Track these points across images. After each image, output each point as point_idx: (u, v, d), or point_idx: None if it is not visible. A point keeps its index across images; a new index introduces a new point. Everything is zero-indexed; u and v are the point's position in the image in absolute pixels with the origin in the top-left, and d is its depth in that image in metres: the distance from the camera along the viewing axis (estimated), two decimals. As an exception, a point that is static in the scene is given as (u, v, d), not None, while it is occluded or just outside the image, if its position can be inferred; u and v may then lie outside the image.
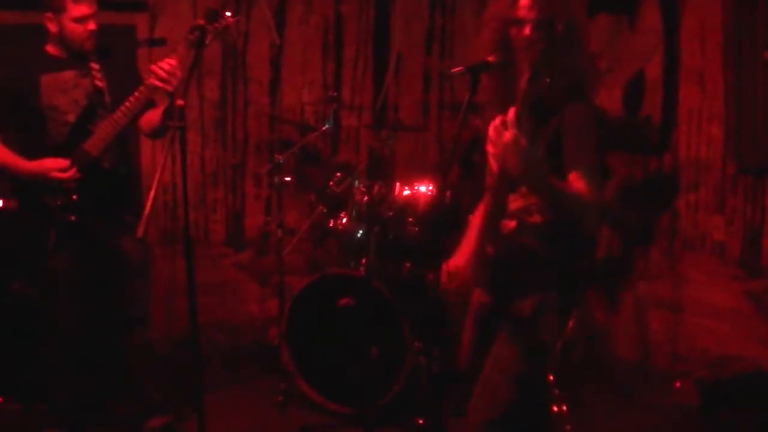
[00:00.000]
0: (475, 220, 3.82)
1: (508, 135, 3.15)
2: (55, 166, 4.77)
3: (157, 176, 3.81)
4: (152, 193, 3.70)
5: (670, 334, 5.98)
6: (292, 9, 6.94)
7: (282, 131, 6.90)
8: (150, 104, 4.85)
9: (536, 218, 3.49)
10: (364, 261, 5.58)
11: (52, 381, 5.10)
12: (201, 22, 4.23)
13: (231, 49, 6.78)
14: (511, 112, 3.17)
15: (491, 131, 3.24)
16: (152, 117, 4.85)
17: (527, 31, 3.43)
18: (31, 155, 4.83)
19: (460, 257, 3.78)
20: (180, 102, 3.91)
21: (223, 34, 4.33)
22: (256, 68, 6.89)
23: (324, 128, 5.96)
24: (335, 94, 6.31)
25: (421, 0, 7.33)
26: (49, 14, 4.81)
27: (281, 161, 5.82)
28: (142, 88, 4.67)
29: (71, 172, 4.77)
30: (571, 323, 3.60)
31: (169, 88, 4.50)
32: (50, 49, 4.94)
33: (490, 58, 3.48)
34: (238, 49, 6.82)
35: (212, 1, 6.50)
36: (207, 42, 4.22)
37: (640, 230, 6.10)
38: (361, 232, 5.65)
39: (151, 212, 3.73)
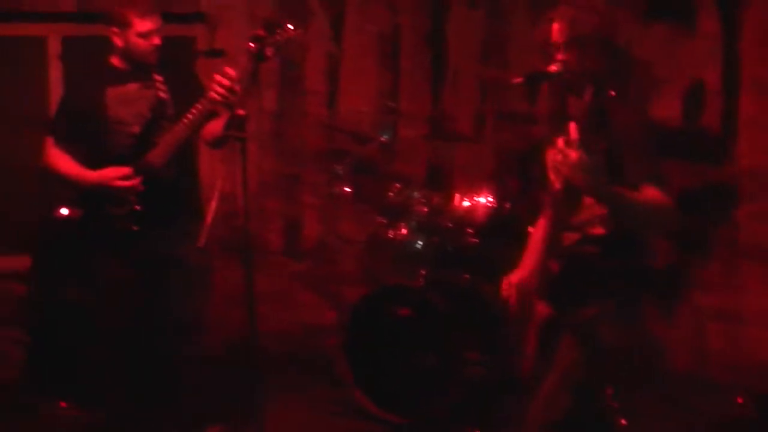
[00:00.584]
0: (537, 233, 3.84)
1: (574, 155, 3.17)
2: (117, 174, 4.82)
3: (218, 186, 3.86)
4: (214, 204, 3.75)
5: (729, 346, 5.92)
6: (349, 19, 6.96)
7: (339, 141, 6.91)
8: (212, 115, 4.89)
9: (599, 230, 3.50)
10: (422, 272, 5.58)
11: (110, 387, 5.16)
12: (261, 32, 4.26)
13: (289, 60, 6.81)
14: (573, 131, 3.19)
15: (555, 153, 3.26)
16: (214, 127, 4.87)
17: (559, 54, 3.48)
18: (97, 166, 4.89)
19: (522, 271, 3.79)
20: (242, 112, 3.96)
21: (286, 47, 4.33)
22: (314, 79, 6.92)
23: (382, 139, 5.98)
24: (392, 104, 6.32)
25: (477, 9, 7.32)
26: (115, 29, 4.87)
27: (339, 172, 5.83)
28: (203, 99, 4.70)
29: (133, 181, 4.83)
30: (630, 333, 3.61)
31: (230, 99, 4.53)
32: (115, 61, 5.00)
33: (551, 69, 3.51)
34: (296, 60, 6.84)
35: (270, 13, 6.57)
36: (269, 55, 4.25)
37: (699, 241, 6.05)
38: (419, 242, 5.66)
39: (212, 222, 3.77)
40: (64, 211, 4.95)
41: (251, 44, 4.26)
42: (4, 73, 6.32)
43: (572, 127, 3.22)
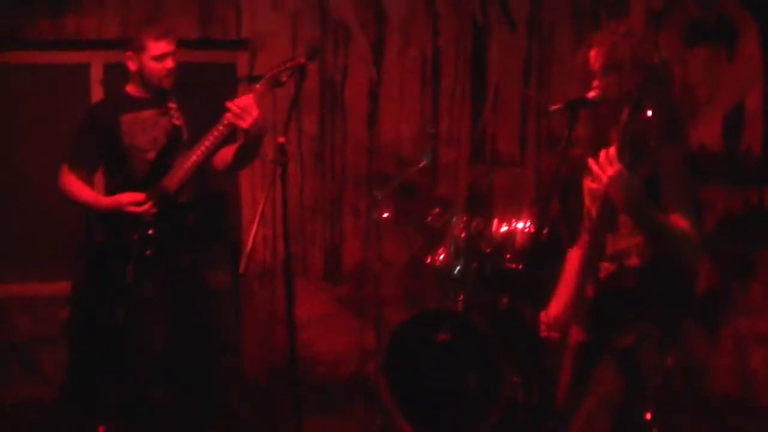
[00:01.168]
0: (572, 263, 3.84)
1: (611, 169, 3.19)
2: (130, 200, 4.89)
3: (258, 212, 3.91)
4: (254, 229, 3.79)
5: (771, 370, 5.90)
6: (390, 42, 6.99)
7: (380, 165, 6.94)
8: (230, 141, 4.94)
9: (635, 260, 3.52)
10: (462, 296, 5.59)
11: (143, 408, 5.21)
12: (302, 60, 4.31)
13: (329, 83, 6.85)
14: (612, 148, 3.20)
15: (594, 167, 3.27)
16: (225, 154, 4.95)
17: (598, 79, 3.51)
18: (115, 191, 4.99)
19: (558, 304, 3.80)
20: (281, 139, 4.02)
21: (298, 74, 4.37)
22: (355, 102, 6.94)
23: (422, 164, 6.01)
24: (433, 130, 6.34)
25: (518, 31, 7.33)
26: (129, 53, 4.97)
27: (380, 195, 5.86)
28: (220, 126, 4.77)
29: (146, 206, 4.89)
30: (671, 359, 3.60)
31: (244, 125, 4.59)
32: (130, 89, 5.10)
33: (590, 95, 3.53)
34: (337, 83, 6.88)
35: (312, 37, 6.62)
36: (282, 81, 4.33)
37: (741, 264, 6.02)
38: (459, 267, 5.67)
39: (252, 247, 3.81)
40: (98, 237, 5.01)
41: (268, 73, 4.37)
42: (48, 101, 6.41)
43: (611, 148, 3.24)
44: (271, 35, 6.62)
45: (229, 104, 4.59)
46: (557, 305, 3.80)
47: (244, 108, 4.54)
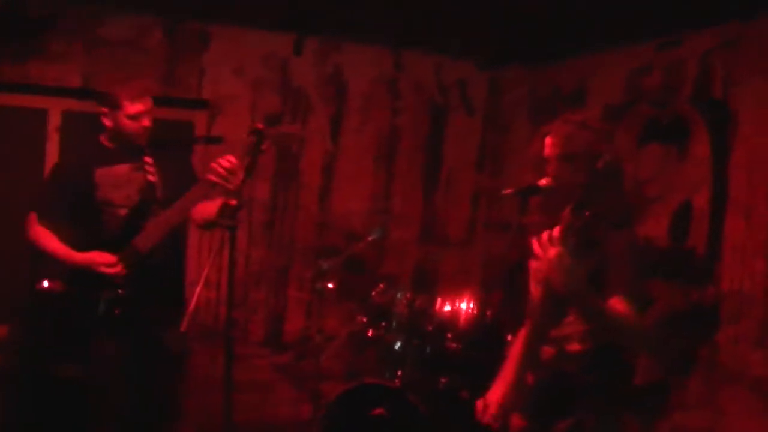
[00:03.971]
0: (516, 345, 3.85)
1: (552, 251, 3.20)
2: (102, 261, 4.80)
3: (204, 273, 3.89)
4: (198, 289, 3.76)
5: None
6: (349, 118, 7.06)
7: (329, 238, 6.95)
8: (205, 197, 4.88)
9: (576, 346, 3.52)
10: (401, 372, 5.58)
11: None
12: (260, 126, 4.30)
13: (285, 153, 6.87)
14: (557, 230, 3.23)
15: (536, 247, 3.29)
16: (206, 209, 4.85)
17: (551, 168, 3.55)
18: (83, 246, 4.88)
19: (496, 390, 3.79)
20: (233, 202, 3.98)
21: (282, 141, 4.36)
22: (309, 174, 6.97)
23: (371, 238, 6.03)
24: (385, 205, 6.39)
25: (475, 118, 7.43)
26: (105, 110, 4.90)
27: (325, 267, 5.88)
28: (199, 185, 4.72)
29: (118, 268, 4.82)
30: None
31: (229, 186, 4.51)
32: (104, 140, 5.01)
33: (541, 183, 3.57)
34: (293, 153, 6.91)
35: (271, 106, 6.66)
36: (263, 148, 4.27)
37: (680, 360, 6.06)
38: (399, 343, 5.67)
39: (195, 308, 3.79)
40: (45, 284, 4.93)
41: (251, 136, 4.30)
42: (4, 142, 6.36)
43: (556, 230, 3.26)
44: (231, 99, 6.65)
45: (214, 164, 4.54)
46: (497, 390, 3.79)
47: (229, 168, 4.51)
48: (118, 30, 6.34)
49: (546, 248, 3.24)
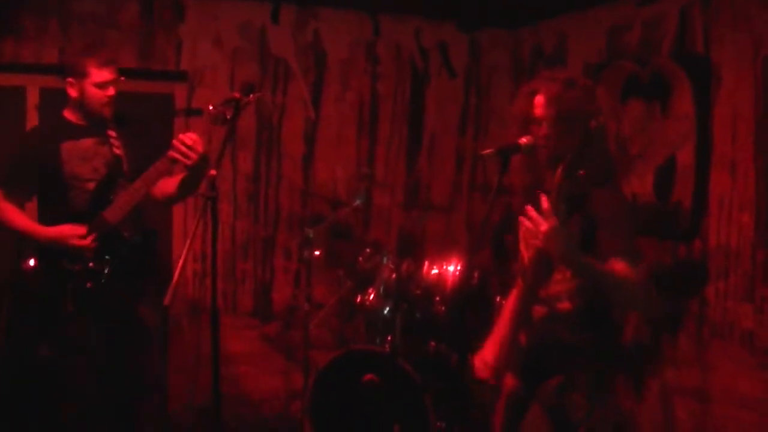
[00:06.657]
0: (507, 305, 3.84)
1: (545, 225, 3.19)
2: (73, 233, 4.80)
3: (187, 245, 3.85)
4: (181, 262, 3.74)
5: (696, 423, 5.91)
6: (329, 85, 7.02)
7: (314, 206, 6.93)
8: (168, 173, 4.87)
9: (566, 305, 3.52)
10: (389, 338, 5.57)
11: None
12: (236, 95, 4.27)
13: (266, 123, 6.84)
14: (545, 202, 3.21)
15: (526, 222, 3.28)
16: (167, 185, 4.89)
17: (544, 129, 3.52)
18: (53, 221, 4.87)
19: (491, 348, 3.79)
20: (213, 172, 3.95)
21: (261, 110, 4.33)
22: (291, 143, 6.94)
23: (355, 204, 6.01)
24: (368, 171, 6.36)
25: (456, 81, 7.41)
26: (70, 79, 4.87)
27: (311, 235, 5.86)
28: (163, 159, 4.67)
29: (89, 240, 4.80)
30: (598, 407, 3.60)
31: (188, 162, 4.53)
32: (68, 114, 4.99)
33: (521, 141, 3.55)
34: (274, 123, 6.87)
35: (250, 75, 6.62)
36: (229, 117, 4.24)
37: (669, 317, 6.06)
38: (387, 309, 5.66)
39: (178, 281, 3.76)
40: (31, 263, 4.91)
41: (210, 107, 4.28)
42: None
43: (543, 198, 3.25)
44: (210, 69, 6.60)
45: (176, 141, 4.53)
46: (491, 349, 3.79)
47: (191, 145, 4.49)
48: (92, 5, 6.27)
49: (538, 222, 3.23)
